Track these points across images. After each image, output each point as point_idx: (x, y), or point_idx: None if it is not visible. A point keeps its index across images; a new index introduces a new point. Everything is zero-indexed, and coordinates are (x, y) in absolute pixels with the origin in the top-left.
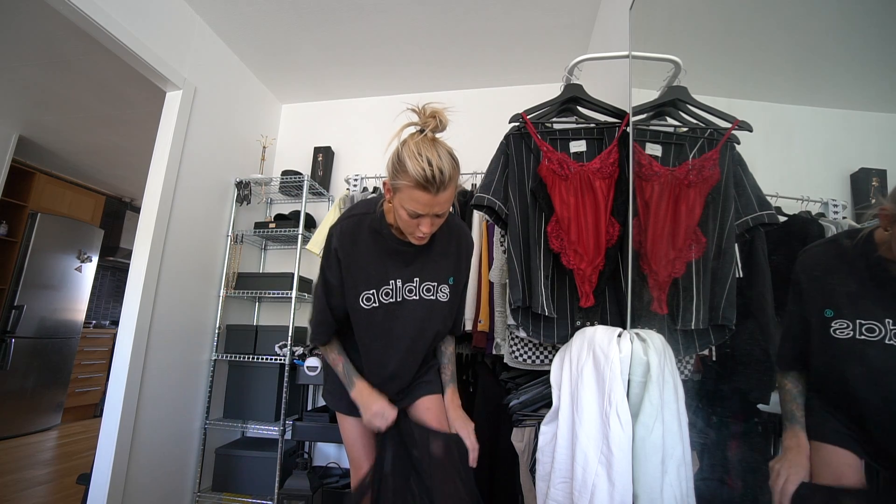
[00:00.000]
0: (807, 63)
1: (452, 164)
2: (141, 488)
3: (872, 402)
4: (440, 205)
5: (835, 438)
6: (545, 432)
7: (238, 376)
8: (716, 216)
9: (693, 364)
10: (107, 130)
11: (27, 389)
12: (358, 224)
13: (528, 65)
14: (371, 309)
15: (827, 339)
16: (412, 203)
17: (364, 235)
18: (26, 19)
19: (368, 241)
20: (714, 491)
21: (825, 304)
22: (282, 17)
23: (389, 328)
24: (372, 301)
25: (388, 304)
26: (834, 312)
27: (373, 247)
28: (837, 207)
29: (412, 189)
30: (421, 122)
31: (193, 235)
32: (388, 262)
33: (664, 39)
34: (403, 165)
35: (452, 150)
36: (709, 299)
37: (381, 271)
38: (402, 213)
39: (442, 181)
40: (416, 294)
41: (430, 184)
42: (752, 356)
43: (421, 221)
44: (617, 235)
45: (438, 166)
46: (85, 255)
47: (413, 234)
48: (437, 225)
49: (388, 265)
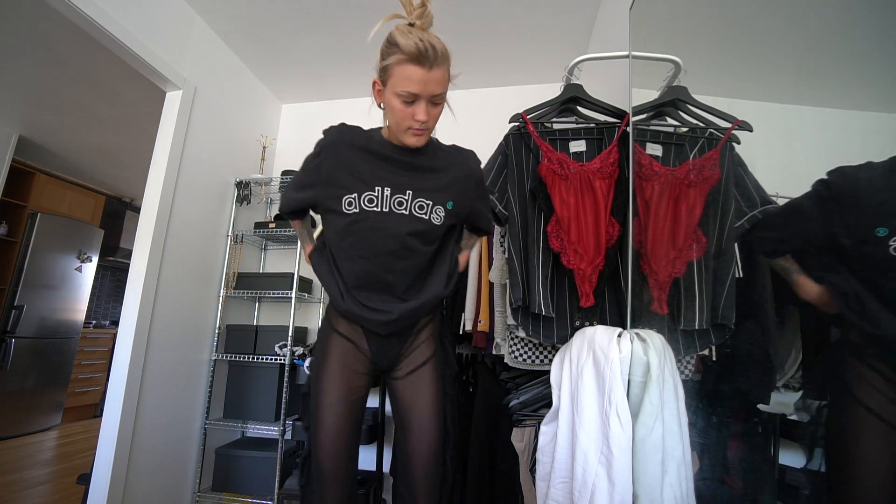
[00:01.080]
0: (807, 63)
1: (443, 44)
2: (141, 488)
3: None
4: (435, 83)
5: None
6: (545, 432)
7: (238, 376)
8: (716, 216)
9: (693, 364)
10: (107, 130)
11: (27, 389)
12: (349, 129)
13: (528, 65)
14: (351, 215)
15: (885, 258)
16: (405, 82)
17: (355, 138)
18: (26, 19)
19: (359, 144)
20: (714, 491)
21: (876, 222)
22: (282, 17)
23: (372, 241)
24: (353, 207)
25: (370, 211)
26: (889, 231)
27: (362, 150)
28: None
29: (404, 65)
30: (409, 16)
31: (193, 235)
32: (376, 167)
33: (664, 39)
34: (394, 42)
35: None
36: (711, 299)
37: (368, 175)
38: (396, 102)
39: (434, 56)
40: (407, 209)
41: (423, 57)
42: (752, 356)
43: (416, 109)
44: (617, 235)
45: (430, 41)
46: (85, 255)
47: (410, 127)
48: (433, 116)
49: (375, 170)
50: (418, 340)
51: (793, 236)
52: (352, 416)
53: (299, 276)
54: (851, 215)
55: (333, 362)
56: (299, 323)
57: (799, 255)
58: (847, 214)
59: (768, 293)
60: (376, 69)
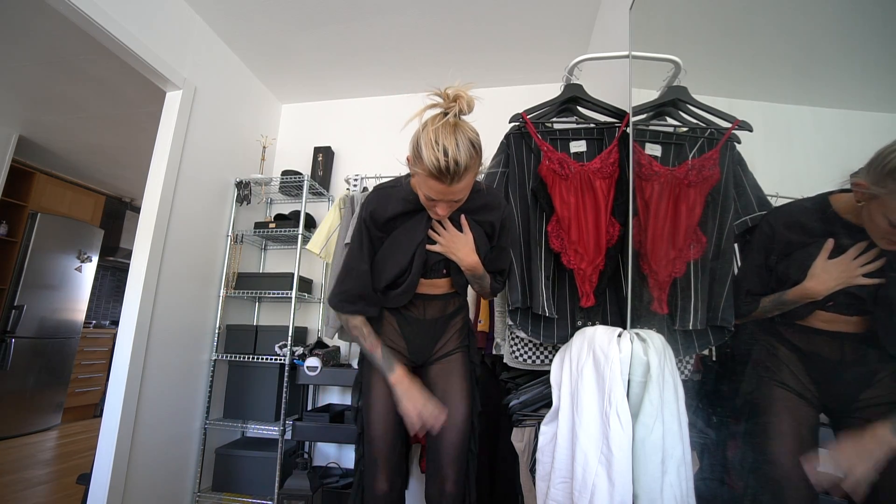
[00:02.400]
0: (807, 63)
1: (471, 152)
2: (141, 488)
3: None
4: (455, 193)
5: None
6: (545, 432)
7: (238, 376)
8: (715, 216)
9: (693, 364)
10: (107, 130)
11: (27, 389)
12: (387, 194)
13: (528, 65)
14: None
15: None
16: (427, 189)
17: (388, 207)
18: (26, 19)
19: (394, 210)
20: (714, 491)
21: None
22: (282, 17)
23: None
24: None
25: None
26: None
27: (397, 213)
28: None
29: (426, 178)
30: (444, 106)
31: (193, 235)
32: (409, 226)
33: (664, 39)
34: (419, 153)
35: (476, 135)
36: (707, 300)
37: (403, 238)
38: (420, 194)
39: (457, 172)
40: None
41: (443, 175)
42: (753, 356)
43: (437, 205)
44: (617, 235)
45: (454, 157)
46: (85, 255)
47: (431, 211)
48: (453, 208)
49: (409, 229)
50: (449, 333)
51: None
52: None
53: (299, 276)
54: (780, 255)
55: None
56: (299, 323)
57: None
58: (776, 253)
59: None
60: (410, 152)
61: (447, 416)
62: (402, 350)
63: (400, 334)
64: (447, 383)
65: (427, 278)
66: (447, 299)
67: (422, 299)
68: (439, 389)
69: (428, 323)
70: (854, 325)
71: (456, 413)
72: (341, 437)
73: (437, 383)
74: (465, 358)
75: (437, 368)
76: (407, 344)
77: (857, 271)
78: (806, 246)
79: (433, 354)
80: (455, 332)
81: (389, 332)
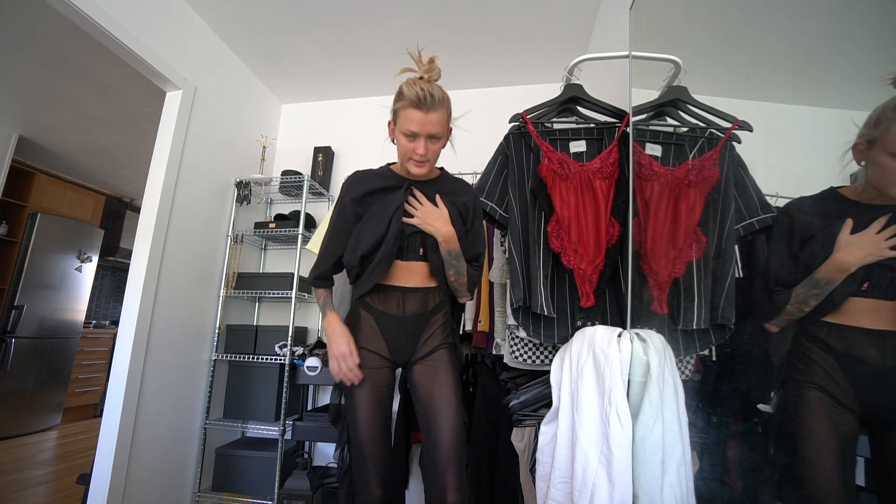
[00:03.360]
0: (806, 63)
1: (443, 93)
2: (141, 488)
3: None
4: (432, 124)
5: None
6: (545, 432)
7: (238, 376)
8: (716, 216)
9: (693, 364)
10: (107, 130)
11: (27, 389)
12: (365, 173)
13: (528, 65)
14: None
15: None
16: (407, 123)
17: (365, 182)
18: (26, 19)
19: (370, 185)
20: (714, 491)
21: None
22: (282, 17)
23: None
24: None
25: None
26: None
27: (374, 188)
28: None
29: (407, 109)
30: (419, 70)
31: (193, 235)
32: (387, 201)
33: (664, 39)
34: (401, 92)
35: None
36: (710, 299)
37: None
38: (401, 139)
39: (432, 102)
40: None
41: (422, 103)
42: (752, 356)
43: (416, 144)
44: (617, 235)
45: (429, 90)
46: (85, 255)
47: (411, 158)
48: (432, 152)
49: (387, 203)
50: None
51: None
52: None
53: (299, 276)
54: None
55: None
56: (299, 323)
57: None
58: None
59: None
60: (391, 112)
61: (438, 418)
62: (381, 351)
63: (379, 334)
64: (433, 382)
65: (404, 259)
66: (427, 294)
67: (399, 292)
68: (425, 390)
69: (408, 320)
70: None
71: (447, 412)
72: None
73: (422, 384)
74: (450, 355)
75: (421, 368)
76: (387, 344)
77: (885, 244)
78: (826, 227)
79: (415, 353)
80: (437, 328)
81: (368, 332)
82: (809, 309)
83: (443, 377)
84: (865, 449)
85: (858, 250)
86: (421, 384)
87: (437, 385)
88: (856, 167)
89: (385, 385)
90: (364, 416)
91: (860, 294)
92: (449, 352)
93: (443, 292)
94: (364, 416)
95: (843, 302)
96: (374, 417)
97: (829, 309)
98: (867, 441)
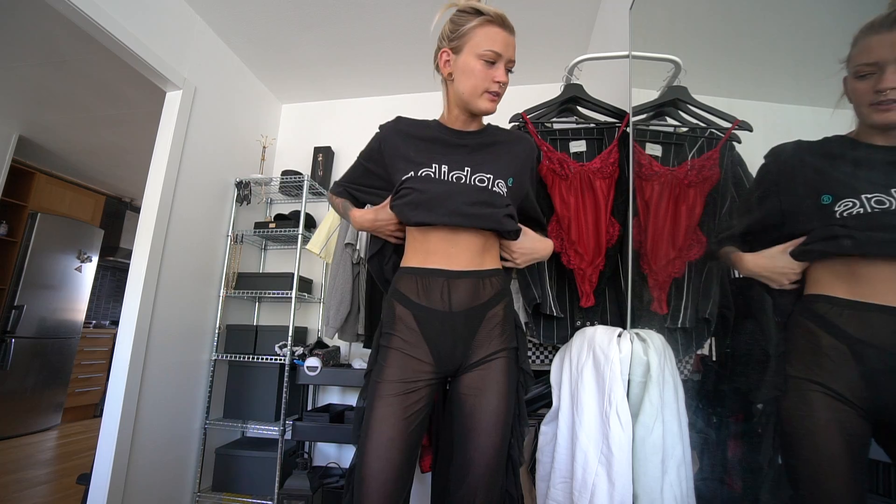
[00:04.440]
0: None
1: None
2: (141, 488)
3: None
4: (512, 48)
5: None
6: (545, 432)
7: (238, 376)
8: (716, 216)
9: (693, 364)
10: (107, 130)
11: (27, 389)
12: (401, 119)
13: (528, 65)
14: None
15: (833, 220)
16: (489, 42)
17: (411, 126)
18: (26, 19)
19: (413, 130)
20: (714, 491)
21: (818, 190)
22: (282, 16)
23: (430, 206)
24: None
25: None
26: (833, 197)
27: (418, 135)
28: None
29: (487, 27)
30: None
31: (193, 235)
32: (432, 148)
33: (664, 39)
34: (471, 10)
35: None
36: (696, 298)
37: (424, 156)
38: (477, 64)
39: (510, 24)
40: (466, 180)
41: (503, 21)
42: (752, 356)
43: (497, 71)
44: (617, 235)
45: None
46: (85, 255)
47: (487, 90)
48: (505, 85)
49: (432, 151)
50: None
51: (738, 221)
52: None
53: (299, 276)
54: (796, 187)
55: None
56: (299, 323)
57: (744, 241)
58: (792, 187)
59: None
60: (444, 39)
61: (472, 449)
62: (424, 358)
63: (420, 335)
64: (477, 400)
65: (448, 224)
66: (480, 279)
67: (443, 277)
68: (466, 407)
69: (456, 317)
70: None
71: (484, 443)
72: (341, 437)
73: (465, 401)
74: (511, 364)
75: (467, 379)
76: (430, 348)
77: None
78: (830, 166)
79: (467, 360)
80: (495, 326)
81: (405, 333)
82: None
83: (491, 397)
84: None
85: (762, 259)
86: (463, 402)
87: (479, 407)
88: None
89: (421, 404)
90: (379, 444)
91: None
92: (508, 361)
93: (503, 276)
94: (379, 444)
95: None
96: (391, 444)
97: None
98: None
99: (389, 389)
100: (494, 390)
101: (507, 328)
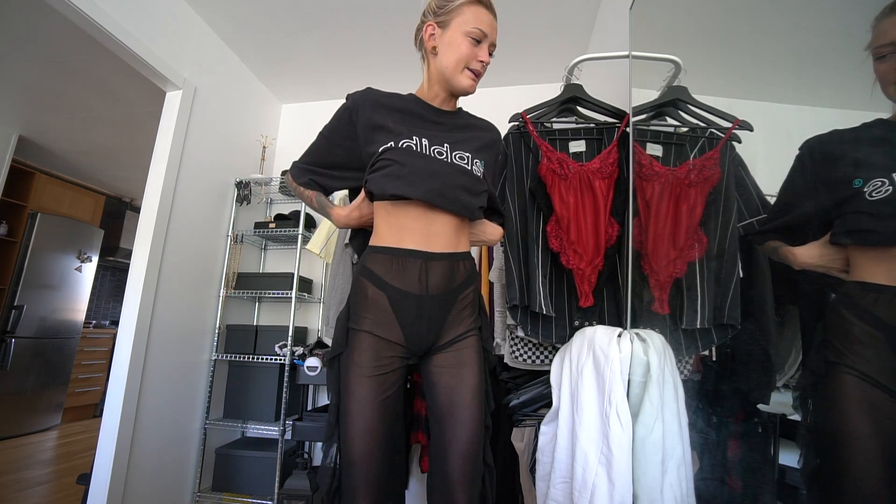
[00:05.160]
0: (807, 63)
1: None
2: (141, 488)
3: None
4: (496, 31)
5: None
6: (545, 432)
7: (238, 376)
8: (717, 216)
9: (693, 364)
10: (107, 130)
11: (27, 389)
12: (373, 90)
13: (528, 65)
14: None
15: (863, 205)
16: (477, 21)
17: (383, 98)
18: (26, 19)
19: (389, 101)
20: (714, 491)
21: (852, 176)
22: (282, 17)
23: (411, 180)
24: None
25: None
26: (863, 180)
27: (394, 106)
28: None
29: (475, 6)
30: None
31: (193, 235)
32: (410, 120)
33: (664, 39)
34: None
35: None
36: (713, 298)
37: (403, 127)
38: (463, 41)
39: (494, 9)
40: (447, 157)
41: (489, 4)
42: (752, 356)
43: (480, 50)
44: (616, 235)
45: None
46: (85, 255)
47: (468, 68)
48: (486, 66)
49: (411, 122)
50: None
51: (780, 214)
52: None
53: (299, 276)
54: (830, 174)
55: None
56: (299, 323)
57: (791, 233)
58: (827, 175)
59: (769, 293)
60: (429, 13)
61: (454, 426)
62: (396, 340)
63: (394, 317)
64: (454, 378)
65: (426, 201)
66: (454, 261)
67: (420, 259)
68: (443, 386)
69: (430, 300)
70: None
71: (465, 417)
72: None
73: (440, 379)
74: (478, 343)
75: (441, 359)
76: (403, 331)
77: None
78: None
79: (438, 341)
80: (465, 307)
81: (378, 315)
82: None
83: (467, 374)
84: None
85: (815, 250)
86: (439, 381)
87: (458, 381)
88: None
89: (395, 385)
90: (361, 425)
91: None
92: (477, 339)
93: (472, 260)
94: (361, 425)
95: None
96: (375, 427)
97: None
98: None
99: (365, 373)
100: (470, 367)
101: (475, 309)
